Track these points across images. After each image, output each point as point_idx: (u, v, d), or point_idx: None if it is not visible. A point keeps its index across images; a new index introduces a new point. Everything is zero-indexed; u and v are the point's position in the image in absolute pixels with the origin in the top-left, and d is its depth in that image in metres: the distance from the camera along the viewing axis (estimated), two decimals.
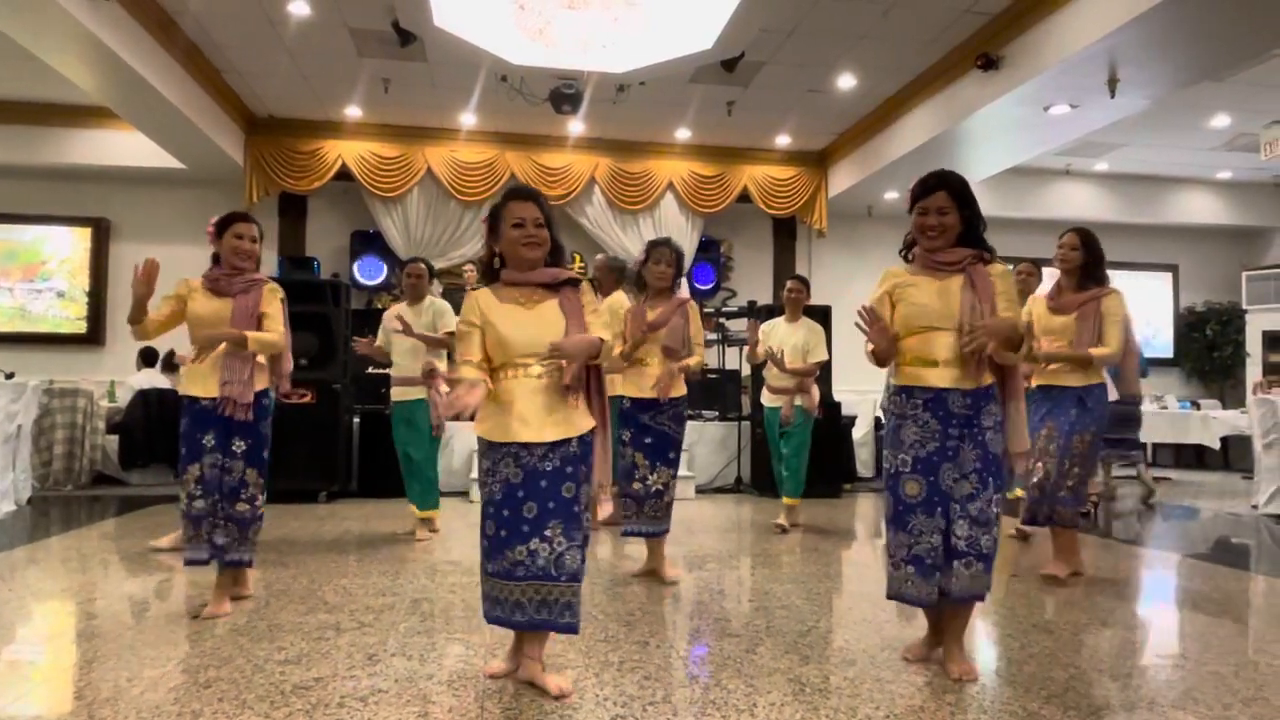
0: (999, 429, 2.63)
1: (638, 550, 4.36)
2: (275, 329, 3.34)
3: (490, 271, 2.62)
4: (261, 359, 3.34)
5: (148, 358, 7.92)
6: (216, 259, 3.39)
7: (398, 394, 5.07)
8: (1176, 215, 10.93)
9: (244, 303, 3.29)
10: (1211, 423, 8.78)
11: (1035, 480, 3.98)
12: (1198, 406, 9.39)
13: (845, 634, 3.16)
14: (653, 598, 3.65)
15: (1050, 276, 4.29)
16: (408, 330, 4.79)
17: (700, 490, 7.26)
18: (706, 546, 4.89)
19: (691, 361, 3.99)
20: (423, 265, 5.21)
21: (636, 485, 3.92)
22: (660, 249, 4.01)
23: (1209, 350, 11.08)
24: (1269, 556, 5.11)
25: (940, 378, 2.62)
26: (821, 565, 4.45)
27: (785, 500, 5.47)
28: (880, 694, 2.48)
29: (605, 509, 5.18)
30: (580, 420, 2.51)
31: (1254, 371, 10.38)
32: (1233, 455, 9.51)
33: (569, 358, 2.44)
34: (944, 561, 2.59)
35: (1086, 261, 3.91)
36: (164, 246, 9.13)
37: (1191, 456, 10.09)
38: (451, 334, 5.11)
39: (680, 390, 3.98)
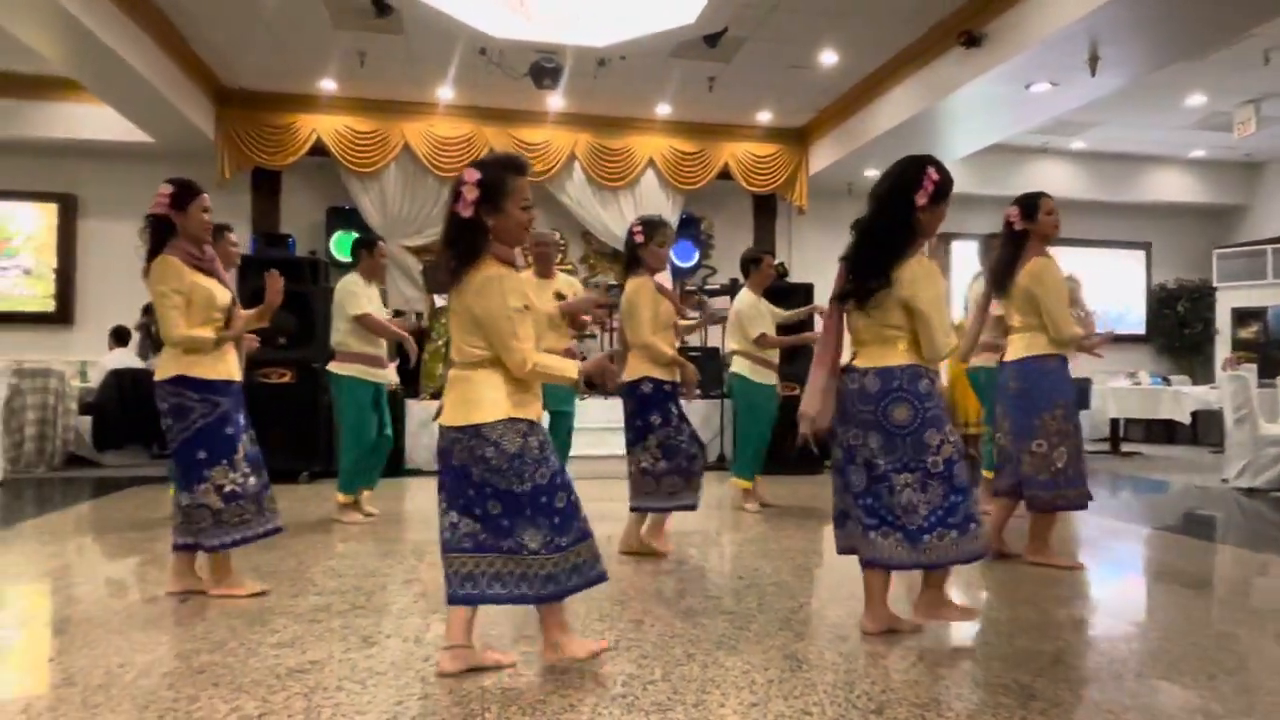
0: None
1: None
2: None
3: (471, 244, 2.36)
4: None
5: (120, 337, 7.77)
6: (163, 230, 3.11)
7: (378, 375, 5.04)
8: (1150, 193, 11.05)
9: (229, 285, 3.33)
10: (1182, 398, 8.94)
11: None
12: (1168, 382, 9.55)
13: (836, 610, 3.19)
14: (642, 576, 3.66)
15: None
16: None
17: None
18: (692, 523, 4.90)
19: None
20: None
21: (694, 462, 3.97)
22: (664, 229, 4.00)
23: (1180, 327, 11.27)
24: (1238, 529, 5.24)
25: None
26: (808, 541, 4.49)
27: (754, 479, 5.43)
28: (875, 669, 2.52)
29: None
30: None
31: (1223, 348, 10.59)
32: (1201, 430, 9.71)
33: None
34: None
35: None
36: (133, 223, 8.96)
37: (1161, 431, 10.29)
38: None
39: None
